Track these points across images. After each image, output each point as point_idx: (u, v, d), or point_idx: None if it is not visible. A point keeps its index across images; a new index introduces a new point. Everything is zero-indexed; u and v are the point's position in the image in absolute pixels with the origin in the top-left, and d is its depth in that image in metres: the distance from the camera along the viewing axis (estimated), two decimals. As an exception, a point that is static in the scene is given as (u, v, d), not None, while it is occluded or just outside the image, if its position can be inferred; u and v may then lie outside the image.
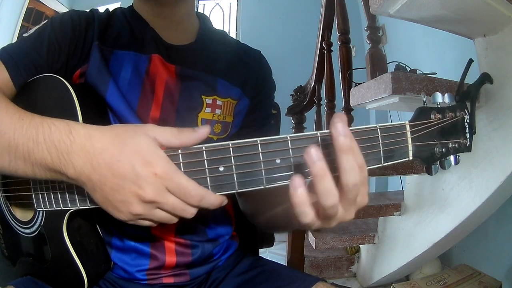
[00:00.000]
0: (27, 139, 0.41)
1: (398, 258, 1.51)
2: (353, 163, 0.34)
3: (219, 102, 0.65)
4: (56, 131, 0.40)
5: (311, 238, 1.65)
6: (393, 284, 1.36)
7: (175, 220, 0.41)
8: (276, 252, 2.16)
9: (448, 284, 1.31)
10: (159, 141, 0.39)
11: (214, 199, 0.40)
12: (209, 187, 0.40)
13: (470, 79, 0.48)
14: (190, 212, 0.40)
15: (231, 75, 0.67)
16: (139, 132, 0.39)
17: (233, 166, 0.39)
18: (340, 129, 0.33)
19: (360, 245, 1.82)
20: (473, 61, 0.45)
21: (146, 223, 0.41)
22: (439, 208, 1.30)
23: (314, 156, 0.33)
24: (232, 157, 0.39)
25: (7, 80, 0.54)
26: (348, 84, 1.58)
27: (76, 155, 0.39)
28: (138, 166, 0.37)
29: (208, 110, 0.64)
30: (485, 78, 0.44)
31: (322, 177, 0.34)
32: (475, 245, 1.61)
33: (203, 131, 0.40)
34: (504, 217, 1.43)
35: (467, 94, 0.44)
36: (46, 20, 0.60)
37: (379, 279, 1.64)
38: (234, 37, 3.62)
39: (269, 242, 0.93)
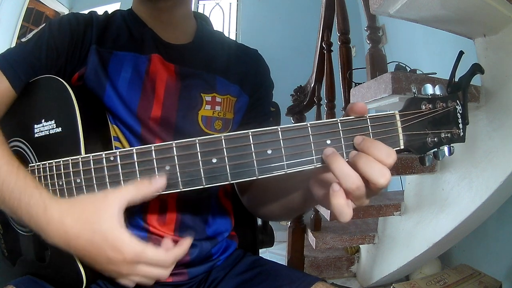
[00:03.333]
0: (13, 199, 0.46)
1: (398, 258, 1.51)
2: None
3: (218, 99, 0.65)
4: (34, 206, 0.45)
5: (311, 238, 1.65)
6: (393, 284, 1.36)
7: (150, 283, 0.48)
8: (276, 252, 2.16)
9: (448, 284, 1.31)
10: (124, 206, 0.44)
11: (183, 250, 0.48)
12: (203, 178, 0.41)
13: (473, 79, 0.48)
14: (163, 276, 0.47)
15: (229, 73, 0.68)
16: (106, 215, 0.43)
17: (226, 158, 0.40)
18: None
19: (360, 245, 1.82)
20: (463, 53, 0.45)
21: (125, 282, 0.47)
22: (439, 208, 1.30)
23: (328, 150, 0.39)
24: (224, 149, 0.40)
25: (8, 87, 0.56)
26: (348, 84, 1.58)
27: (52, 234, 0.44)
28: (109, 252, 0.43)
29: (208, 107, 0.65)
30: (476, 69, 0.44)
31: (335, 161, 0.39)
32: (475, 245, 1.61)
33: (159, 182, 0.43)
34: (504, 217, 1.43)
35: (459, 85, 0.44)
36: (44, 24, 0.61)
37: (379, 279, 1.64)
38: (234, 37, 3.63)
39: (269, 242, 0.93)
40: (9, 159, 0.48)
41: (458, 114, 0.44)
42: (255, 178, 0.40)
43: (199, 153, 0.40)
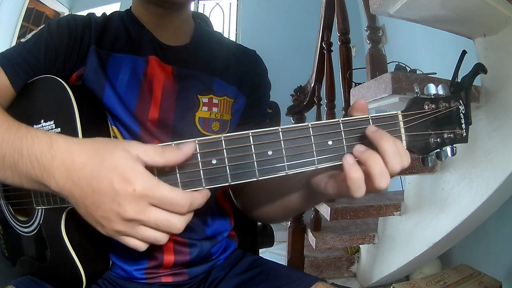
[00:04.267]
0: (13, 150, 0.41)
1: (398, 258, 1.51)
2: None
3: (215, 101, 0.66)
4: (39, 144, 0.40)
5: (311, 238, 1.65)
6: (393, 284, 1.36)
7: (162, 239, 0.39)
8: (276, 252, 2.16)
9: (448, 284, 1.31)
10: (142, 159, 0.38)
11: (201, 197, 0.40)
12: (203, 180, 0.40)
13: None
14: (176, 227, 0.39)
15: (227, 74, 0.68)
16: (120, 147, 0.38)
17: (226, 159, 0.40)
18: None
19: (360, 245, 1.82)
20: (466, 52, 0.45)
21: (132, 242, 0.39)
22: (439, 208, 1.30)
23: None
24: (224, 150, 0.39)
25: (7, 85, 0.56)
26: (348, 84, 1.58)
27: (57, 170, 0.39)
28: (117, 183, 0.37)
29: (205, 109, 0.65)
30: (479, 69, 0.43)
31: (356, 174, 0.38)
32: (475, 245, 1.61)
33: (188, 148, 0.38)
34: (504, 217, 1.43)
35: (461, 85, 0.43)
36: (43, 25, 0.61)
37: (379, 279, 1.64)
38: (234, 37, 3.61)
39: (269, 242, 0.93)
40: (7, 119, 0.45)
41: (461, 114, 0.43)
42: (255, 179, 0.40)
43: (198, 154, 0.40)
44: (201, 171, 0.40)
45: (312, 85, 1.88)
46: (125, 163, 0.37)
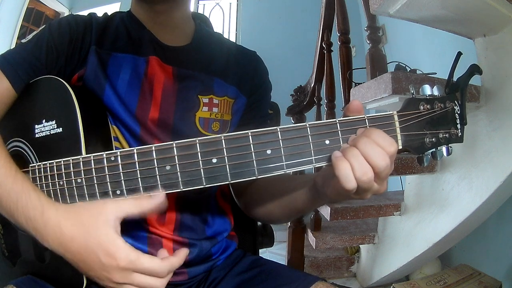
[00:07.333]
0: (10, 201, 0.46)
1: (398, 258, 1.51)
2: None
3: (215, 101, 0.66)
4: (32, 208, 0.45)
5: (311, 238, 1.65)
6: (393, 284, 1.36)
7: None
8: (276, 252, 2.16)
9: (448, 284, 1.31)
10: (121, 217, 0.44)
11: (179, 260, 0.47)
12: (203, 178, 0.41)
13: (473, 79, 0.48)
14: (159, 286, 0.45)
15: (227, 75, 0.68)
16: (101, 220, 0.43)
17: (226, 158, 0.40)
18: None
19: (360, 245, 1.82)
20: (461, 53, 0.45)
21: None
22: (439, 208, 1.30)
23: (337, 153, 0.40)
24: (224, 149, 0.40)
25: (8, 87, 0.56)
26: (348, 84, 1.59)
27: (49, 237, 0.44)
28: (103, 257, 0.43)
29: (205, 109, 0.65)
30: (474, 70, 0.44)
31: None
32: (475, 245, 1.61)
33: (159, 197, 0.44)
34: (504, 217, 1.43)
35: (457, 86, 0.44)
36: (44, 25, 0.61)
37: (379, 279, 1.64)
38: (234, 37, 3.61)
39: (269, 242, 0.93)
40: (6, 162, 0.48)
41: (456, 114, 0.44)
42: (254, 178, 0.41)
43: (199, 153, 0.40)
44: (201, 170, 0.41)
45: (312, 85, 1.88)
46: (107, 239, 0.43)
